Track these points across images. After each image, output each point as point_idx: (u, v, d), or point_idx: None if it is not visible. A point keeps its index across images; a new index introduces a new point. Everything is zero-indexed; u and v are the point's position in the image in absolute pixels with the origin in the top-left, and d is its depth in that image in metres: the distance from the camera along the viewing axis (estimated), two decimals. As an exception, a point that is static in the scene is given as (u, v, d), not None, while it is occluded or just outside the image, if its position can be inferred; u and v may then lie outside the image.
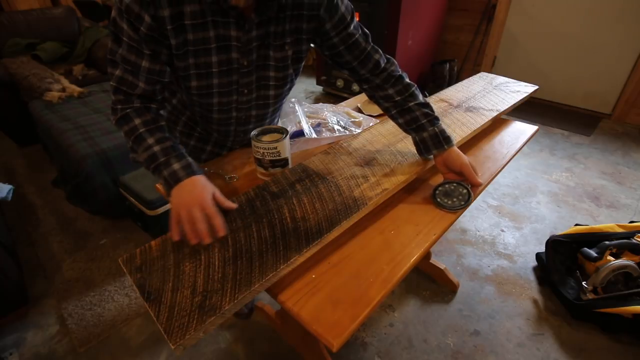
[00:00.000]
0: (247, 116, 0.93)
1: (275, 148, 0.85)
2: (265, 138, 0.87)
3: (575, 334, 1.37)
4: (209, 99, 0.84)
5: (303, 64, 0.90)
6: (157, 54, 0.73)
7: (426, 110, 0.85)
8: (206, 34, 0.73)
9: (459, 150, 0.84)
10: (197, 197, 0.68)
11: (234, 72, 0.80)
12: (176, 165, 0.71)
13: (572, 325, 1.40)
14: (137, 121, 0.75)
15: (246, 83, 0.83)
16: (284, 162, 0.89)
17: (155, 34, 0.70)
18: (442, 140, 0.83)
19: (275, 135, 0.88)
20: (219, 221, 0.66)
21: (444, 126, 0.85)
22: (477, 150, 1.05)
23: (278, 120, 1.10)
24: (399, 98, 0.86)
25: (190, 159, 0.74)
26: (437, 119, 0.85)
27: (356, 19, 0.84)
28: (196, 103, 0.86)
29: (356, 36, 0.83)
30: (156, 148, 0.73)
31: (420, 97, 0.87)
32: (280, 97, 0.94)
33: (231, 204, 0.73)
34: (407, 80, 0.88)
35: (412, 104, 0.85)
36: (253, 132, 0.88)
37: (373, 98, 0.92)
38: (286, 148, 0.88)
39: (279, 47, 0.81)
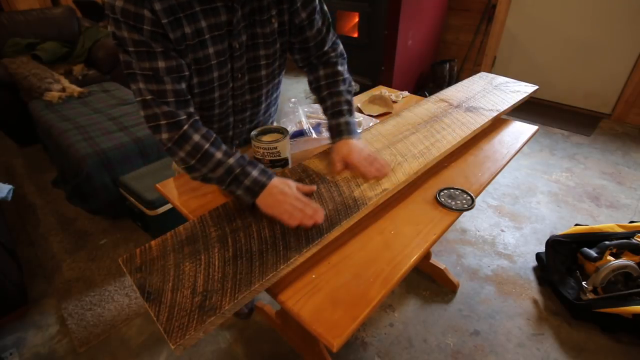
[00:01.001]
0: (242, 102, 0.92)
1: (276, 148, 0.85)
2: (265, 138, 0.87)
3: (575, 334, 1.37)
4: (211, 94, 0.83)
5: (287, 39, 0.89)
6: (168, 50, 0.70)
7: (348, 98, 0.91)
8: (199, 25, 0.72)
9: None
10: (290, 194, 0.72)
11: (229, 60, 0.80)
12: (255, 173, 0.73)
13: (572, 325, 1.40)
14: (196, 137, 0.73)
15: (239, 67, 0.83)
16: (284, 162, 0.89)
17: (160, 29, 0.68)
18: (354, 130, 0.89)
19: (276, 135, 0.88)
20: (315, 205, 0.72)
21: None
22: (477, 150, 1.05)
23: (276, 108, 1.08)
24: (325, 82, 0.92)
25: (260, 164, 0.76)
26: (352, 113, 0.91)
27: None
28: (196, 102, 0.85)
29: (316, 12, 0.87)
30: (231, 161, 0.73)
31: (343, 87, 0.92)
32: (271, 78, 0.92)
33: (312, 187, 0.78)
34: (340, 68, 0.94)
35: (338, 90, 0.91)
36: (253, 133, 0.88)
37: (311, 83, 0.96)
38: (286, 148, 0.88)
39: (265, 22, 0.81)
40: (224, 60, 0.79)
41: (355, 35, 3.01)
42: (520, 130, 1.16)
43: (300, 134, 1.06)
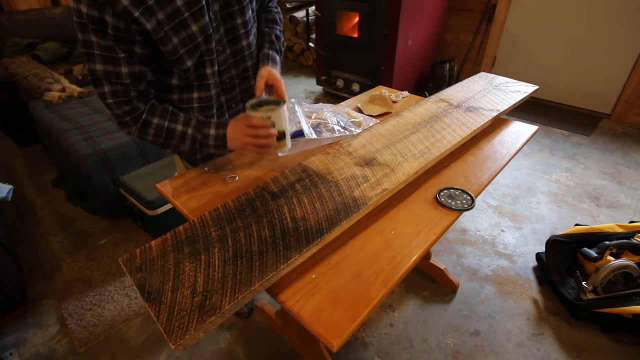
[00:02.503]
0: (229, 78, 0.93)
1: (269, 118, 0.81)
2: (262, 109, 0.83)
3: (575, 334, 1.37)
4: (203, 70, 0.85)
5: (256, 5, 0.94)
6: (131, 55, 0.73)
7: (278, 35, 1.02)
8: (174, 5, 0.72)
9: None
10: (241, 127, 0.82)
11: (212, 34, 0.81)
12: (212, 131, 0.83)
13: (572, 325, 1.40)
14: (155, 120, 0.80)
15: (218, 40, 0.84)
16: (280, 136, 0.84)
17: (123, 34, 0.69)
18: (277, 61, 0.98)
19: (272, 107, 0.84)
20: (264, 131, 0.81)
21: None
22: (477, 150, 1.05)
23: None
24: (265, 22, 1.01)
25: (213, 119, 0.85)
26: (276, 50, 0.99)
27: None
28: (194, 86, 0.86)
29: None
30: (190, 131, 0.83)
31: (277, 30, 1.02)
32: (252, 48, 0.94)
33: (264, 122, 0.82)
34: (278, 18, 1.04)
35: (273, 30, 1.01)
36: (248, 103, 0.84)
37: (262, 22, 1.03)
38: (282, 120, 0.83)
39: None
40: (208, 36, 0.80)
41: (355, 35, 3.01)
42: (520, 130, 1.16)
43: (300, 134, 1.06)
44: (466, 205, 0.80)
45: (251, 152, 0.89)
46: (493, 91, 1.28)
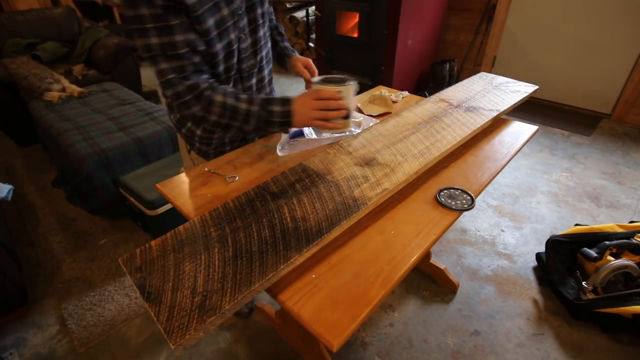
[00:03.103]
0: (248, 67, 0.94)
1: (340, 92, 0.81)
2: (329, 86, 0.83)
3: (575, 334, 1.37)
4: (232, 60, 0.86)
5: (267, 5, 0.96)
6: (184, 22, 0.73)
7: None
8: None
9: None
10: (309, 100, 0.81)
11: (238, 20, 0.84)
12: (278, 108, 0.81)
13: (572, 325, 1.40)
14: (219, 98, 0.78)
15: (242, 27, 0.86)
16: (346, 115, 0.84)
17: (170, 2, 0.70)
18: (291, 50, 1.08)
19: (340, 84, 0.83)
20: (334, 103, 0.81)
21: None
22: (477, 150, 1.05)
23: (273, 88, 1.12)
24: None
25: (275, 96, 0.86)
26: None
27: None
28: (220, 71, 0.86)
29: None
30: (254, 109, 0.80)
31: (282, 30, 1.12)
32: (266, 38, 0.97)
33: (332, 92, 0.83)
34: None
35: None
36: (315, 79, 0.85)
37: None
38: (350, 97, 0.83)
39: None
40: (235, 22, 0.82)
41: (355, 35, 3.01)
42: (520, 130, 1.16)
43: (300, 134, 1.06)
44: (466, 205, 0.80)
45: (318, 127, 0.87)
46: (493, 91, 1.28)
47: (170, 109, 1.04)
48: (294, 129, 1.08)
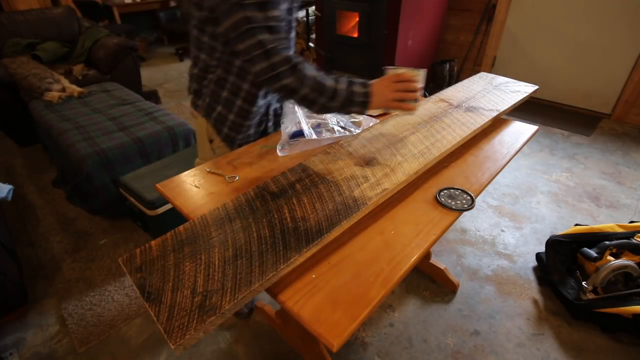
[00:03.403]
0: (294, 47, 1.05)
1: (416, 76, 0.90)
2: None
3: (575, 334, 1.37)
4: (291, 33, 0.96)
5: None
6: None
7: None
8: None
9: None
10: (388, 83, 0.89)
11: (294, 12, 0.94)
12: (358, 88, 0.86)
13: (572, 325, 1.40)
14: (311, 72, 0.82)
15: (295, 18, 0.97)
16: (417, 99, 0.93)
17: None
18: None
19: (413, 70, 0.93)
20: (411, 85, 0.89)
21: None
22: (477, 150, 1.05)
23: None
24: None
25: (356, 79, 0.89)
26: None
27: None
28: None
29: None
30: (340, 87, 0.84)
31: None
32: None
33: (408, 75, 0.91)
34: None
35: None
36: (389, 67, 0.97)
37: None
38: (422, 83, 0.92)
39: None
40: (293, 12, 0.91)
41: (355, 35, 3.01)
42: (520, 130, 1.16)
43: (300, 134, 1.06)
44: (466, 205, 0.81)
45: (393, 109, 0.93)
46: (493, 91, 1.28)
47: (197, 95, 1.04)
48: (294, 129, 1.08)
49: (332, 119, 1.15)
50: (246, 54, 0.79)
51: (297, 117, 1.11)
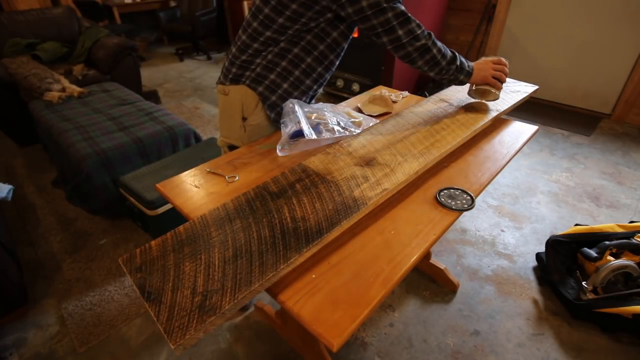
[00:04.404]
0: None
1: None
2: None
3: (575, 334, 1.37)
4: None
5: None
6: None
7: None
8: None
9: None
10: (488, 68, 1.07)
11: None
12: (465, 61, 1.03)
13: (572, 325, 1.40)
14: (434, 38, 0.98)
15: None
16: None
17: None
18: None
19: None
20: (506, 69, 1.09)
21: None
22: (477, 150, 1.05)
23: None
24: None
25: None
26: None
27: None
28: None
29: None
30: (455, 55, 1.01)
31: None
32: None
33: (500, 59, 1.10)
34: None
35: None
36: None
37: None
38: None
39: None
40: None
41: (356, 35, 3.00)
42: (520, 130, 1.16)
43: (300, 134, 1.06)
44: (466, 205, 0.80)
45: (489, 86, 1.08)
46: (493, 91, 1.28)
47: (242, 67, 1.07)
48: (294, 129, 1.08)
49: (332, 119, 1.15)
50: (385, 24, 0.92)
51: (297, 117, 1.11)
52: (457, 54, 1.02)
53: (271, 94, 1.07)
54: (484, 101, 1.19)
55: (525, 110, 3.02)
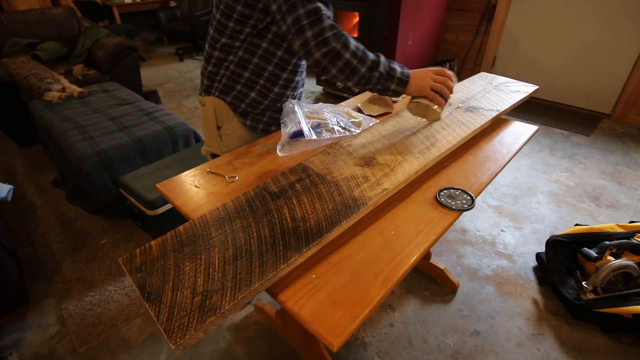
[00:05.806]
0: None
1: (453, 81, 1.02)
2: None
3: (575, 334, 1.37)
4: None
5: None
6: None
7: None
8: None
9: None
10: (429, 78, 0.92)
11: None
12: (398, 67, 0.91)
13: (572, 325, 1.40)
14: (352, 41, 0.86)
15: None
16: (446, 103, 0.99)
17: None
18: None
19: None
20: (451, 77, 0.94)
21: None
22: (477, 150, 1.05)
23: None
24: None
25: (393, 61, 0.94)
26: None
27: None
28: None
29: None
30: (381, 60, 0.88)
31: None
32: None
33: (442, 70, 0.95)
34: None
35: None
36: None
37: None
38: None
39: None
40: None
41: (355, 35, 3.01)
42: (520, 130, 1.16)
43: (300, 134, 1.06)
44: (466, 205, 0.80)
45: (428, 100, 0.94)
46: (493, 91, 1.28)
47: (210, 78, 1.07)
48: (294, 129, 1.08)
49: (332, 119, 1.15)
50: (296, 23, 0.83)
51: (297, 117, 1.11)
52: (383, 58, 0.89)
53: (240, 103, 1.07)
54: (425, 120, 1.06)
55: (525, 110, 3.02)
